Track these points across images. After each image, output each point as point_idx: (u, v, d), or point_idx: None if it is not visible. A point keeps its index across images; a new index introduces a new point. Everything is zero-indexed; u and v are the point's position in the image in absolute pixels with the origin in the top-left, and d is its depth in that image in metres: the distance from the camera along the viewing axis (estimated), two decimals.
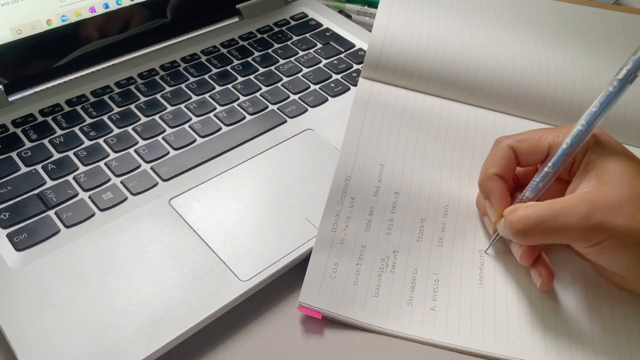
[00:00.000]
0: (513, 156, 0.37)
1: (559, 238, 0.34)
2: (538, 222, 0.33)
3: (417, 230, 0.39)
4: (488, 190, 0.37)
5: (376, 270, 0.37)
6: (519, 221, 0.34)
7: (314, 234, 0.38)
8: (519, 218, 0.34)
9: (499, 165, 0.37)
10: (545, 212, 0.33)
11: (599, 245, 0.33)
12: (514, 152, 0.37)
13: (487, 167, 0.38)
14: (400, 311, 0.36)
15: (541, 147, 0.37)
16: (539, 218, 0.33)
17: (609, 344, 0.35)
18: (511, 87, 0.46)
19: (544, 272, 0.36)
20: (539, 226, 0.33)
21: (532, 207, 0.34)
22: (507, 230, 0.35)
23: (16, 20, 0.46)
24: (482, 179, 0.38)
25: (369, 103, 0.45)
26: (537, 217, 0.33)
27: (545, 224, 0.33)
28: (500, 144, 0.38)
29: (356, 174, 0.41)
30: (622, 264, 0.34)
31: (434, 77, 0.46)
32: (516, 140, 0.37)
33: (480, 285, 0.37)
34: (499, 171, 0.37)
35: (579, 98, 0.45)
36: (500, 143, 0.38)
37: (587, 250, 0.34)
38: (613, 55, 0.49)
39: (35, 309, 0.34)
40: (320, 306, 0.35)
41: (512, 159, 0.37)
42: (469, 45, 0.47)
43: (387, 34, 0.47)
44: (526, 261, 0.36)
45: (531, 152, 0.37)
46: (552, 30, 0.51)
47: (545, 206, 0.34)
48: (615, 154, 0.35)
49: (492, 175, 0.37)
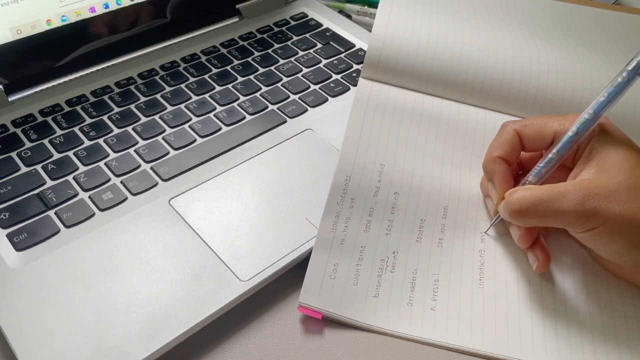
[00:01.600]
0: (518, 140, 0.38)
1: (554, 221, 0.35)
2: (534, 204, 0.34)
3: (416, 230, 0.39)
4: (491, 172, 0.38)
5: (376, 270, 0.37)
6: (516, 202, 0.35)
7: (313, 234, 0.38)
8: (517, 199, 0.35)
9: (503, 149, 0.38)
10: (542, 195, 0.34)
11: (593, 231, 0.33)
12: (519, 137, 0.38)
13: (491, 150, 0.38)
14: (400, 311, 0.36)
15: (546, 133, 0.37)
16: (536, 200, 0.34)
17: (608, 336, 0.35)
18: (511, 87, 0.46)
19: (540, 255, 0.37)
20: (535, 208, 0.34)
21: (531, 190, 0.35)
22: (505, 210, 0.36)
23: (16, 20, 0.46)
24: (486, 161, 0.38)
25: (369, 103, 0.45)
26: (534, 199, 0.34)
27: (541, 207, 0.34)
28: (506, 128, 0.38)
29: (356, 175, 0.41)
30: (615, 251, 0.34)
31: (434, 77, 0.46)
32: (522, 125, 0.38)
33: (480, 285, 0.37)
34: (503, 154, 0.38)
35: (578, 98, 0.45)
36: (506, 127, 0.38)
37: (582, 235, 0.35)
38: (613, 55, 0.49)
39: (35, 309, 0.34)
40: (320, 306, 0.35)
41: (517, 143, 0.38)
42: (468, 46, 0.47)
43: (387, 34, 0.47)
44: (524, 243, 0.37)
45: (536, 138, 0.37)
46: (552, 31, 0.51)
47: (543, 190, 0.34)
48: (618, 143, 0.35)
49: (496, 158, 0.38)
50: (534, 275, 0.38)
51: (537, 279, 0.37)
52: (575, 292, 0.37)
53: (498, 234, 0.40)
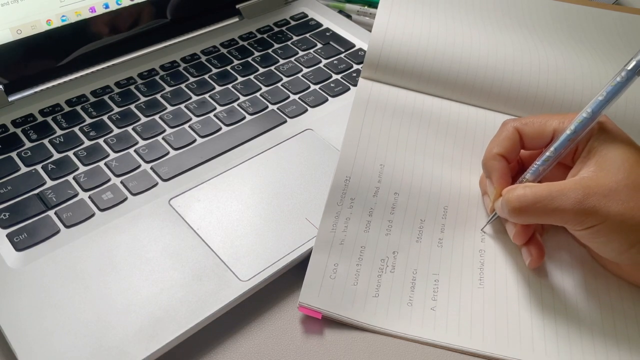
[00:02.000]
0: (518, 138, 0.38)
1: (553, 219, 0.35)
2: (534, 202, 0.34)
3: (416, 230, 0.39)
4: (490, 169, 0.38)
5: (376, 270, 0.37)
6: (515, 199, 0.35)
7: (313, 234, 0.38)
8: (516, 196, 0.35)
9: (502, 146, 0.38)
10: (542, 193, 0.34)
11: (592, 229, 0.34)
12: (519, 134, 0.38)
13: (491, 147, 0.39)
14: (400, 311, 0.36)
15: (546, 131, 0.37)
16: (536, 198, 0.34)
17: (608, 335, 0.35)
18: (511, 87, 0.46)
19: (534, 251, 0.37)
20: (534, 206, 0.34)
21: (530, 187, 0.35)
22: (504, 208, 0.36)
23: (16, 20, 0.46)
24: (486, 157, 0.39)
25: (369, 103, 0.45)
26: (533, 197, 0.34)
27: (540, 204, 0.34)
28: (507, 126, 0.39)
29: (356, 175, 0.41)
30: (613, 250, 0.34)
31: (434, 77, 0.46)
32: (522, 123, 0.38)
33: (480, 285, 0.37)
34: (503, 151, 0.38)
35: (578, 97, 0.45)
36: (506, 125, 0.39)
37: (581, 233, 0.35)
38: (612, 55, 0.49)
39: (35, 309, 0.34)
40: (320, 306, 0.35)
41: (516, 141, 0.38)
42: (468, 46, 0.47)
43: (387, 34, 0.47)
44: (519, 240, 0.37)
45: (536, 136, 0.38)
46: (552, 31, 0.51)
47: (543, 187, 0.34)
48: (618, 142, 0.35)
49: (496, 155, 0.38)
50: (533, 275, 0.38)
51: (537, 279, 0.37)
52: (575, 291, 0.37)
53: (496, 232, 0.40)
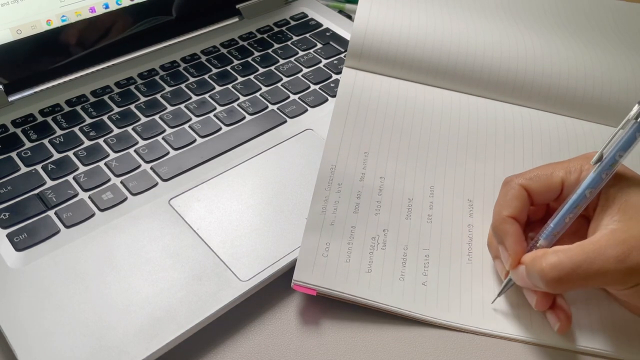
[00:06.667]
0: (526, 195, 0.35)
1: (595, 283, 0.32)
2: (574, 269, 0.31)
3: (405, 209, 0.40)
4: (503, 233, 0.35)
5: (367, 248, 0.38)
6: (552, 269, 0.31)
7: None
8: (552, 265, 0.31)
9: (512, 207, 0.35)
10: (579, 257, 0.31)
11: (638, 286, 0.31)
12: (526, 192, 0.35)
13: (500, 209, 0.35)
14: (393, 286, 0.36)
15: (554, 184, 0.35)
16: (574, 264, 0.31)
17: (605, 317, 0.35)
18: (491, 72, 0.47)
19: (562, 315, 0.34)
20: (575, 272, 0.31)
21: (564, 252, 0.31)
22: (537, 279, 0.32)
23: (16, 20, 0.46)
24: (496, 221, 0.35)
25: (353, 92, 0.45)
26: (572, 264, 0.31)
27: (581, 270, 0.30)
28: (511, 184, 0.36)
29: (341, 163, 0.41)
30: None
31: (417, 64, 0.47)
32: (527, 179, 0.35)
33: (469, 260, 0.38)
34: (514, 213, 0.35)
35: (556, 81, 0.46)
36: (510, 182, 0.36)
37: (624, 292, 0.32)
38: (598, 43, 0.50)
39: (35, 309, 0.34)
40: (314, 283, 0.35)
41: (525, 199, 0.35)
42: (449, 32, 0.48)
43: (370, 22, 0.48)
44: (543, 307, 0.34)
45: (545, 191, 0.35)
46: (537, 18, 0.52)
47: (577, 250, 0.31)
48: (635, 186, 0.33)
49: (507, 218, 0.35)
50: None
51: None
52: None
53: (485, 212, 0.39)
